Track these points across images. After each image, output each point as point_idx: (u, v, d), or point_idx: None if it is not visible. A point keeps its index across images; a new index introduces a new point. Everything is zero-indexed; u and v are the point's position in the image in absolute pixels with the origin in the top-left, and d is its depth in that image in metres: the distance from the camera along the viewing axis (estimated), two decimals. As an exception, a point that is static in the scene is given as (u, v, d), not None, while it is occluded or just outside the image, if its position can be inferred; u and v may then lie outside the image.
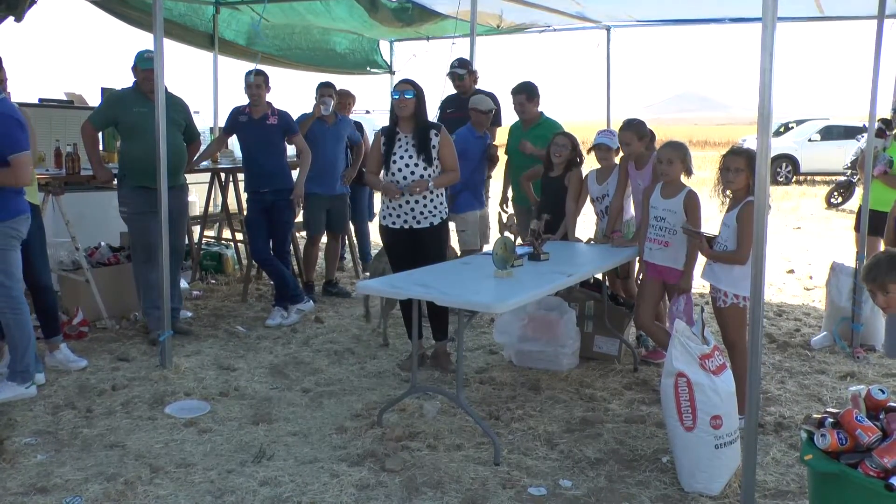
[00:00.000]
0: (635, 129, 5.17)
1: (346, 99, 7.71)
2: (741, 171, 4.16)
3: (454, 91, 6.85)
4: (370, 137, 7.80)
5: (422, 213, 4.93)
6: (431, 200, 4.95)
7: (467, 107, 6.68)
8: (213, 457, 3.78)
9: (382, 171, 5.02)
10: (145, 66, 5.33)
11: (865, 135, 5.96)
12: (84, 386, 4.68)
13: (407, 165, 4.85)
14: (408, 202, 4.89)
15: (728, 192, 4.30)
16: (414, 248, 4.95)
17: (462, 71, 6.65)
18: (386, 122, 5.13)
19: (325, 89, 6.93)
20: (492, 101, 6.33)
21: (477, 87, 6.81)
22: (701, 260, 4.47)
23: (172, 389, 4.67)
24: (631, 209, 5.46)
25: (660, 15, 8.88)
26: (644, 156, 5.19)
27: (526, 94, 6.20)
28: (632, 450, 3.95)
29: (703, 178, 9.51)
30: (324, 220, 7.04)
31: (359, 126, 7.85)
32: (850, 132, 19.71)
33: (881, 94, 5.56)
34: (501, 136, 6.92)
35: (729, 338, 4.27)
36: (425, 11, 8.82)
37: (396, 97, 4.78)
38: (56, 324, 5.01)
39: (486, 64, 6.92)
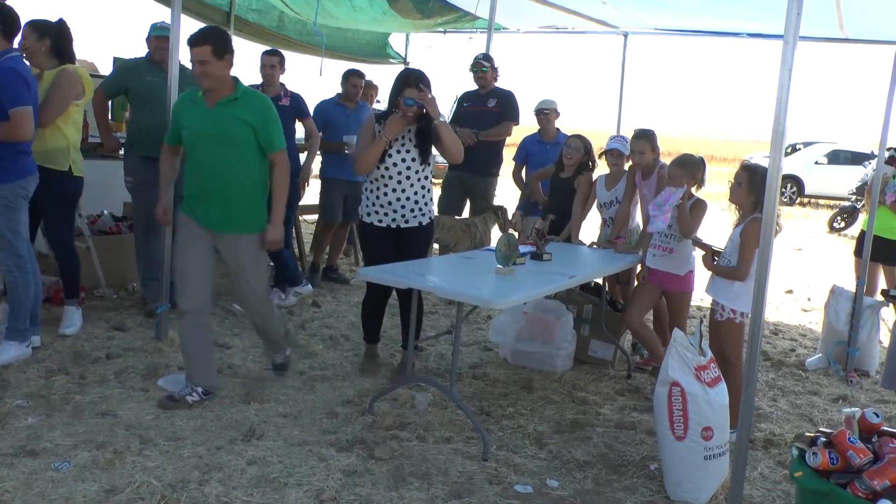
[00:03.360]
0: (649, 140, 5.17)
1: (369, 90, 7.74)
2: (741, 185, 4.17)
3: (472, 85, 6.88)
4: None
5: (412, 211, 4.65)
6: (423, 198, 4.70)
7: (484, 102, 6.72)
8: (203, 432, 3.78)
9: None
10: (158, 33, 5.35)
11: (872, 161, 5.96)
12: (79, 352, 4.68)
13: (403, 160, 4.57)
14: (398, 200, 4.62)
15: (737, 208, 4.30)
16: (397, 248, 4.68)
17: (487, 63, 6.68)
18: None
19: (356, 79, 6.79)
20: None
21: (496, 84, 6.83)
22: (706, 273, 4.46)
23: (166, 362, 4.67)
24: (637, 217, 5.46)
25: (680, 25, 8.85)
26: (651, 166, 5.19)
27: None
28: (620, 455, 3.95)
29: (709, 193, 9.47)
30: (340, 206, 6.90)
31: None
32: (857, 158, 19.71)
33: (894, 121, 5.55)
34: (518, 134, 6.97)
35: (722, 352, 4.27)
36: (446, 6, 8.80)
37: (406, 104, 4.43)
38: (73, 287, 5.10)
39: (502, 61, 6.92)
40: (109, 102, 5.97)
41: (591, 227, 6.04)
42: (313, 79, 8.33)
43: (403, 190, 4.61)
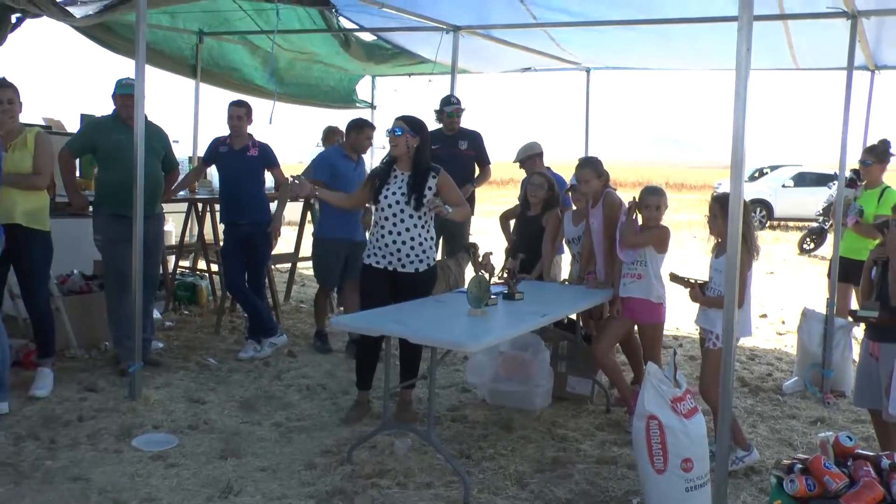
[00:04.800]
0: (593, 167, 5.18)
1: (335, 136, 7.77)
2: (717, 217, 4.27)
3: (438, 126, 6.94)
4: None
5: (408, 255, 4.64)
6: (420, 244, 4.66)
7: (455, 144, 6.80)
8: (180, 492, 3.72)
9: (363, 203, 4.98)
10: (123, 91, 5.37)
11: (837, 182, 6.07)
12: (49, 416, 4.59)
13: (398, 202, 4.61)
14: (395, 242, 4.63)
15: (718, 238, 4.37)
16: (394, 292, 4.67)
17: (462, 108, 6.77)
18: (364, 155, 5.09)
19: (370, 130, 6.44)
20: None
21: (461, 125, 6.92)
22: (692, 305, 4.50)
23: (140, 422, 4.60)
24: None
25: (638, 63, 9.06)
26: (599, 193, 5.20)
27: None
28: (602, 491, 3.94)
29: (680, 221, 9.56)
30: (339, 270, 6.35)
31: None
32: (822, 179, 20.05)
33: (851, 143, 5.68)
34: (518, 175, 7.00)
35: (714, 380, 4.27)
36: (402, 53, 8.94)
37: (388, 134, 4.65)
38: (48, 346, 5.12)
39: (467, 101, 7.02)
40: (77, 161, 5.95)
41: (563, 265, 6.08)
42: (280, 128, 8.32)
43: (399, 233, 4.64)
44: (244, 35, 8.49)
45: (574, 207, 5.57)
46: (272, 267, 7.24)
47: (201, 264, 8.14)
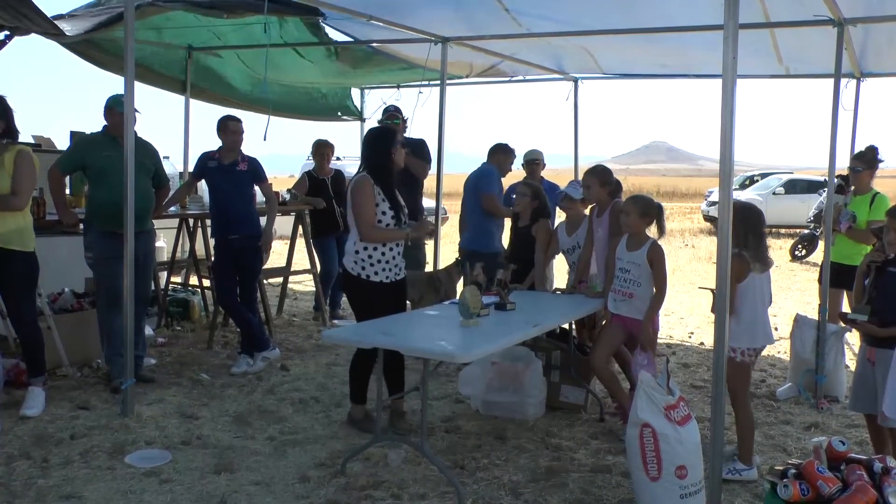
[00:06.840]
0: (598, 175, 5.23)
1: (325, 150, 7.80)
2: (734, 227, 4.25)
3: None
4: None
5: (398, 264, 4.81)
6: (401, 251, 4.85)
7: None
8: (173, 508, 3.71)
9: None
10: (123, 109, 5.36)
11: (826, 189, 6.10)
12: (41, 435, 4.57)
13: (395, 217, 4.73)
14: (399, 255, 4.79)
15: (735, 248, 4.36)
16: (396, 300, 4.79)
17: (399, 116, 6.88)
18: (353, 168, 5.13)
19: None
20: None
21: (406, 135, 6.98)
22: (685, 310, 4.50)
23: (133, 438, 4.58)
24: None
25: (627, 69, 9.09)
26: (605, 203, 5.24)
27: None
28: (597, 499, 3.93)
29: (671, 229, 9.58)
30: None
31: (340, 174, 7.94)
32: (812, 186, 20.14)
33: (840, 149, 5.71)
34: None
35: (731, 389, 4.23)
36: (391, 59, 8.97)
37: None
38: (39, 365, 5.06)
39: (456, 111, 7.09)
40: (67, 178, 5.94)
41: (561, 274, 6.08)
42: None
43: (398, 244, 4.77)
44: (233, 50, 8.50)
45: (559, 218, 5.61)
46: (264, 281, 7.24)
47: (193, 280, 8.13)
